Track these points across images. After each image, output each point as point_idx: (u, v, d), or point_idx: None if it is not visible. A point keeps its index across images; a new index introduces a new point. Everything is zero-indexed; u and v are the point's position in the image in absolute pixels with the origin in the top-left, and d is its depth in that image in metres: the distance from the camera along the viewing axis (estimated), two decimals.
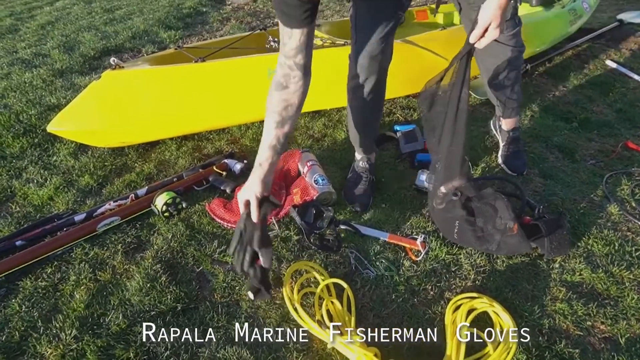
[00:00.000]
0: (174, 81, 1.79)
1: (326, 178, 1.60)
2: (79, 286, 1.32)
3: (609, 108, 2.19)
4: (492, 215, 1.32)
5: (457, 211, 1.34)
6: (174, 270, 1.37)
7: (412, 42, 2.03)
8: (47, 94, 2.47)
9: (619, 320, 1.19)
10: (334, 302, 1.22)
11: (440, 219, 1.44)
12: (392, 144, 1.93)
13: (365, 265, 1.37)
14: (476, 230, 1.33)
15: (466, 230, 1.34)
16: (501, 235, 1.31)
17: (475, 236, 1.33)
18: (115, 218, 1.51)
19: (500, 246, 1.32)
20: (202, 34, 3.50)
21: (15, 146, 2.00)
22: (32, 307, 1.27)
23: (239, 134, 2.05)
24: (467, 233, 1.34)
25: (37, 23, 3.93)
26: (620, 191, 1.63)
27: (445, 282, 1.32)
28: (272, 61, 1.80)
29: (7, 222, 1.57)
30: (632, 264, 1.35)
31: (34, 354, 1.14)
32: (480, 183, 1.59)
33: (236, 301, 1.27)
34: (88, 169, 1.83)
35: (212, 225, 1.53)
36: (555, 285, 1.30)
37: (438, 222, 1.46)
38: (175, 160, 1.89)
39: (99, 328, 1.20)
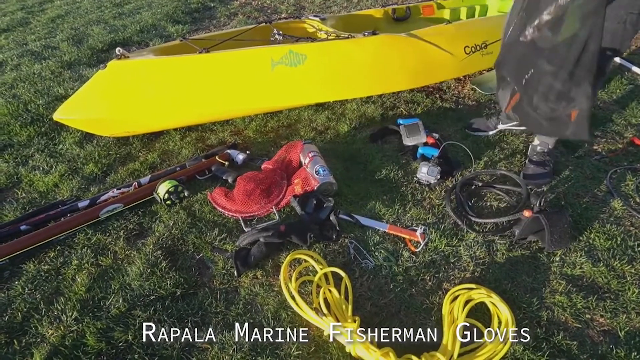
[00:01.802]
0: (178, 71, 1.80)
1: (327, 169, 1.60)
2: (80, 270, 1.34)
3: (615, 104, 2.16)
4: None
5: (540, 61, 1.34)
6: (174, 256, 1.38)
7: (417, 36, 2.02)
8: (55, 84, 2.51)
9: (619, 314, 1.18)
10: (332, 290, 1.22)
11: (518, 55, 1.41)
12: (395, 137, 1.92)
13: (364, 256, 1.37)
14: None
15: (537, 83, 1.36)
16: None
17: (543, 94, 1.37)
18: (118, 205, 1.53)
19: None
20: (209, 29, 3.51)
21: (23, 134, 2.03)
22: (35, 289, 1.29)
23: (242, 125, 2.06)
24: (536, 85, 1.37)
25: (47, 16, 3.98)
26: (625, 187, 1.62)
27: (444, 273, 1.31)
28: (275, 53, 1.81)
29: (13, 207, 1.60)
30: (635, 258, 1.33)
31: (35, 335, 1.16)
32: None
33: (235, 288, 1.28)
34: (93, 158, 1.86)
35: (213, 213, 1.54)
36: (555, 278, 1.29)
37: (513, 57, 1.44)
38: (178, 151, 1.90)
39: (99, 311, 1.22)
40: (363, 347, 1.06)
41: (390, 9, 2.63)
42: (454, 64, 2.10)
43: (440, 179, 1.63)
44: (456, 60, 2.08)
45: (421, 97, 2.24)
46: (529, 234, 1.38)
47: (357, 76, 1.94)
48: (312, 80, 1.88)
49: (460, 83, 2.39)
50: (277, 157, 1.75)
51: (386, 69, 1.98)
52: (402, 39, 1.99)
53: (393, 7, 2.64)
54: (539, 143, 1.67)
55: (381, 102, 2.21)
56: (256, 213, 1.51)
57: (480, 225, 1.47)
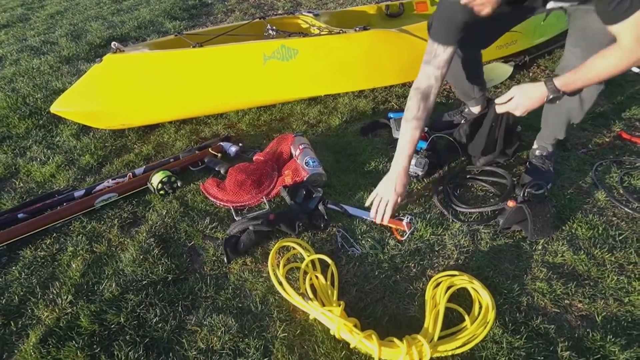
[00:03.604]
0: (172, 65, 1.84)
1: (317, 160, 1.63)
2: (75, 256, 1.38)
3: (605, 99, 2.18)
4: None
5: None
6: (166, 244, 1.42)
7: (407, 31, 2.05)
8: (53, 79, 2.55)
9: (597, 300, 1.22)
10: (318, 276, 1.26)
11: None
12: (385, 130, 1.96)
13: (351, 244, 1.40)
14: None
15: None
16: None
17: None
18: (112, 194, 1.57)
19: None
20: (206, 25, 3.55)
21: (21, 127, 2.07)
22: (31, 274, 1.33)
23: (236, 119, 2.09)
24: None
25: (46, 12, 4.03)
26: (609, 178, 1.65)
27: (428, 260, 1.35)
28: (267, 47, 1.85)
29: (11, 196, 1.64)
30: (615, 247, 1.37)
31: (31, 317, 1.21)
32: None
33: (224, 274, 1.32)
34: (89, 149, 1.90)
35: (205, 203, 1.58)
36: (537, 265, 1.32)
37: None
38: (173, 143, 1.94)
39: (93, 295, 1.26)
40: (347, 330, 1.10)
41: (383, 6, 2.66)
42: None
43: (428, 170, 1.66)
44: None
45: None
46: (512, 223, 1.41)
47: (349, 71, 1.98)
48: (304, 75, 1.92)
49: None
50: (269, 149, 1.78)
51: (377, 64, 2.01)
52: (393, 34, 2.02)
53: (387, 3, 2.68)
54: (538, 147, 1.69)
55: (373, 96, 2.24)
56: (247, 203, 1.54)
57: (465, 215, 1.51)
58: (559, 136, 1.61)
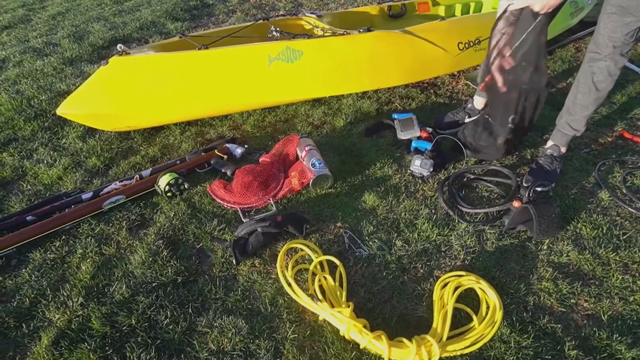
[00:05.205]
0: (178, 67, 1.84)
1: (323, 162, 1.65)
2: (85, 259, 1.39)
3: (607, 99, 2.18)
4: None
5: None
6: (175, 246, 1.43)
7: (411, 32, 2.06)
8: (57, 80, 2.55)
9: (603, 299, 1.23)
10: (327, 277, 1.27)
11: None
12: (389, 131, 1.97)
13: (358, 245, 1.42)
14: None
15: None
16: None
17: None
18: (120, 197, 1.57)
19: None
20: (208, 26, 3.55)
21: (27, 129, 2.08)
22: (41, 276, 1.34)
23: (240, 120, 2.10)
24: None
25: (48, 13, 4.02)
26: (612, 178, 1.66)
27: (435, 261, 1.36)
28: (272, 49, 1.85)
29: (19, 199, 1.65)
30: (619, 246, 1.38)
31: (42, 319, 1.22)
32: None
33: (233, 275, 1.33)
34: (95, 151, 1.90)
35: (212, 205, 1.59)
36: (543, 265, 1.34)
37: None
38: (178, 145, 1.95)
39: (103, 297, 1.27)
40: (356, 330, 1.11)
41: (385, 6, 2.67)
42: (448, 60, 2.14)
43: (433, 171, 1.68)
44: (450, 56, 2.13)
45: (416, 92, 2.29)
46: (518, 223, 1.43)
47: (353, 72, 1.99)
48: (308, 76, 1.93)
49: (455, 79, 2.44)
50: (275, 151, 1.79)
51: (381, 65, 2.02)
52: (396, 35, 2.03)
53: (389, 4, 2.68)
54: (550, 146, 1.70)
55: (377, 97, 2.25)
56: (254, 204, 1.56)
57: (471, 216, 1.52)
58: (577, 131, 1.65)
